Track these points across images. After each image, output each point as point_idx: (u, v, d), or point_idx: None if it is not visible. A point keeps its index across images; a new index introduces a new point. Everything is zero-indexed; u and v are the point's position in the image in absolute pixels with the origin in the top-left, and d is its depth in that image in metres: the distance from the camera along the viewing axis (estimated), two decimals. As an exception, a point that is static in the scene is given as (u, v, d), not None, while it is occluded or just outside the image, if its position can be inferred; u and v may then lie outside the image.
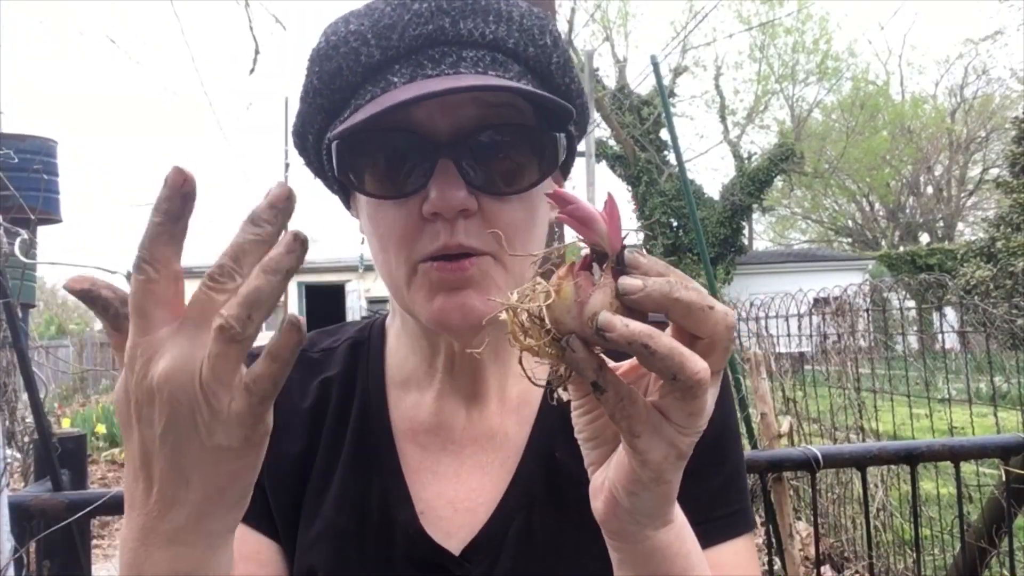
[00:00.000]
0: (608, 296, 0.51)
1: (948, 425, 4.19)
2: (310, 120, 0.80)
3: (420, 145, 0.72)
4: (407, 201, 0.73)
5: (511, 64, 0.76)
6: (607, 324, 0.49)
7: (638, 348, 0.49)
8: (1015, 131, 19.77)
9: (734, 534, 0.83)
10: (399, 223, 0.74)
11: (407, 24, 0.73)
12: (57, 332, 27.76)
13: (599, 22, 25.81)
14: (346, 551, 0.82)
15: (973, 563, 2.24)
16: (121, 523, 3.65)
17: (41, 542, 1.64)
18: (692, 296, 0.51)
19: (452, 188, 0.70)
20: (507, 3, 0.77)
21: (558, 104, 0.72)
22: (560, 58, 0.80)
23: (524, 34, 0.77)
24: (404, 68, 0.73)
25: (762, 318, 5.51)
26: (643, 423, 0.53)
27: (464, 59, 0.73)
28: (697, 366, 0.50)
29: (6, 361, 2.20)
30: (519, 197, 0.75)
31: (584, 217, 0.54)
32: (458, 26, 0.74)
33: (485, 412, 0.87)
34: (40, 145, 5.23)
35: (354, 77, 0.75)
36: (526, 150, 0.75)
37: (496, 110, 0.73)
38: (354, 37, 0.74)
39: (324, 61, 0.76)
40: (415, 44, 0.73)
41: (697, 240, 3.05)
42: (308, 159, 0.86)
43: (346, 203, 0.88)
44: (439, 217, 0.72)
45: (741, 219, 23.45)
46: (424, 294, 0.75)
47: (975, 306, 5.26)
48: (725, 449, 0.86)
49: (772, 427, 3.17)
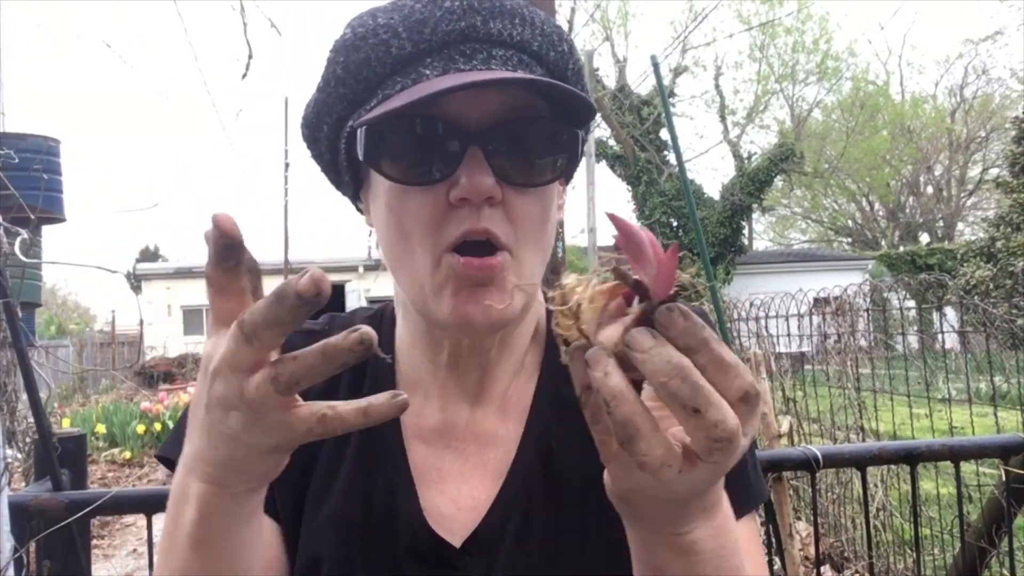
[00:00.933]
0: (618, 335, 0.51)
1: (948, 425, 4.19)
2: (328, 109, 0.81)
3: (450, 133, 0.73)
4: (433, 188, 0.74)
5: (535, 66, 0.79)
6: (593, 361, 0.51)
7: (601, 400, 0.51)
8: (1015, 131, 19.78)
9: (736, 515, 0.83)
10: (425, 209, 0.74)
11: (439, 20, 0.75)
12: (57, 332, 27.77)
13: (599, 22, 25.78)
14: (351, 541, 0.83)
15: (973, 563, 2.24)
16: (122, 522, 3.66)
17: (41, 542, 1.64)
18: (684, 391, 0.49)
19: (481, 175, 0.72)
20: (528, 10, 0.80)
21: (585, 104, 0.74)
22: (575, 65, 0.84)
23: (546, 39, 0.80)
24: (436, 62, 0.75)
25: (762, 318, 5.51)
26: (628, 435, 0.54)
27: (494, 57, 0.75)
28: (646, 449, 0.51)
29: (6, 361, 2.20)
30: (537, 192, 0.77)
31: (638, 251, 0.53)
32: (488, 25, 0.76)
33: (488, 410, 0.88)
34: (41, 144, 5.23)
35: (383, 68, 0.76)
36: (550, 145, 0.77)
37: (522, 104, 0.75)
38: (384, 30, 0.76)
39: (351, 51, 0.77)
40: (448, 39, 0.75)
41: (697, 240, 3.04)
42: (319, 151, 0.86)
43: (355, 196, 0.88)
44: (466, 203, 0.73)
45: (741, 219, 23.45)
46: (447, 289, 0.75)
47: (975, 306, 5.26)
48: None
49: (772, 427, 3.17)
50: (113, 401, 12.37)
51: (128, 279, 32.90)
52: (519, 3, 0.80)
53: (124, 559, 5.93)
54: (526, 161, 0.75)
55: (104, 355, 22.46)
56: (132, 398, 13.16)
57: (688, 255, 22.51)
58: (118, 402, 11.93)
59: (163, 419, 10.05)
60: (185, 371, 18.93)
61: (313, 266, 0.53)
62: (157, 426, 10.00)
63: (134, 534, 6.50)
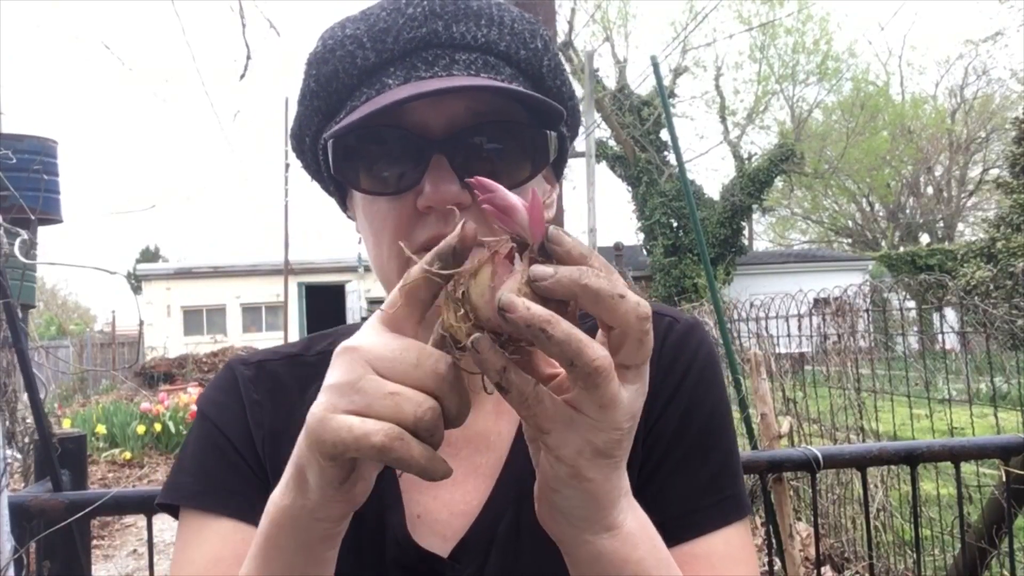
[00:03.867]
0: (519, 282, 0.52)
1: (948, 425, 4.19)
2: (307, 122, 0.83)
3: (414, 142, 0.74)
4: (401, 196, 0.75)
5: (503, 67, 0.79)
6: (508, 304, 0.50)
7: (536, 332, 0.50)
8: (1015, 131, 19.77)
9: (723, 522, 0.82)
10: (392, 216, 0.76)
11: (401, 28, 0.76)
12: (57, 332, 27.77)
13: (599, 22, 25.79)
14: (344, 556, 0.83)
15: (973, 563, 2.24)
16: (122, 523, 3.66)
17: (41, 542, 1.64)
18: (602, 284, 0.51)
19: (445, 182, 0.73)
20: (499, 8, 0.80)
21: (545, 103, 0.74)
22: (551, 61, 0.83)
23: (515, 38, 0.80)
24: (398, 71, 0.75)
25: (762, 318, 5.52)
26: (550, 420, 0.54)
27: (457, 62, 0.76)
28: (596, 353, 0.51)
29: (6, 361, 2.20)
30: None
31: (505, 206, 0.55)
32: (451, 30, 0.76)
33: (480, 412, 0.87)
34: (39, 145, 5.21)
35: (350, 80, 0.77)
36: (517, 146, 0.77)
37: (487, 109, 0.75)
38: (350, 41, 0.77)
39: (321, 64, 0.79)
40: (409, 47, 0.76)
41: (697, 240, 3.04)
42: (305, 161, 0.88)
43: (342, 204, 0.89)
44: (433, 210, 0.74)
45: (741, 219, 23.44)
46: None
47: (975, 306, 5.25)
48: (713, 439, 0.84)
49: (772, 427, 3.17)
50: (113, 401, 12.36)
51: (128, 280, 32.90)
52: (488, 2, 0.80)
53: (124, 559, 5.93)
54: (493, 164, 0.76)
55: (104, 355, 22.47)
56: (132, 398, 13.15)
57: (689, 255, 22.56)
58: (118, 402, 11.92)
59: (163, 420, 10.05)
60: (185, 371, 18.94)
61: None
62: (157, 427, 10.00)
63: (134, 535, 6.51)
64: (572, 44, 23.98)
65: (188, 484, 0.85)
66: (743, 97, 29.43)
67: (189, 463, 0.87)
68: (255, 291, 25.25)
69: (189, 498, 0.84)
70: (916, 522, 2.10)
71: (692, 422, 0.84)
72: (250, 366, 0.91)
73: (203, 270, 26.15)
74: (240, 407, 0.88)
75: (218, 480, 0.84)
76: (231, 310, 25.65)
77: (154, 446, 9.97)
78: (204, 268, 26.26)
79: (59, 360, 10.99)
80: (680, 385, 0.84)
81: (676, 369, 0.85)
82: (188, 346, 22.95)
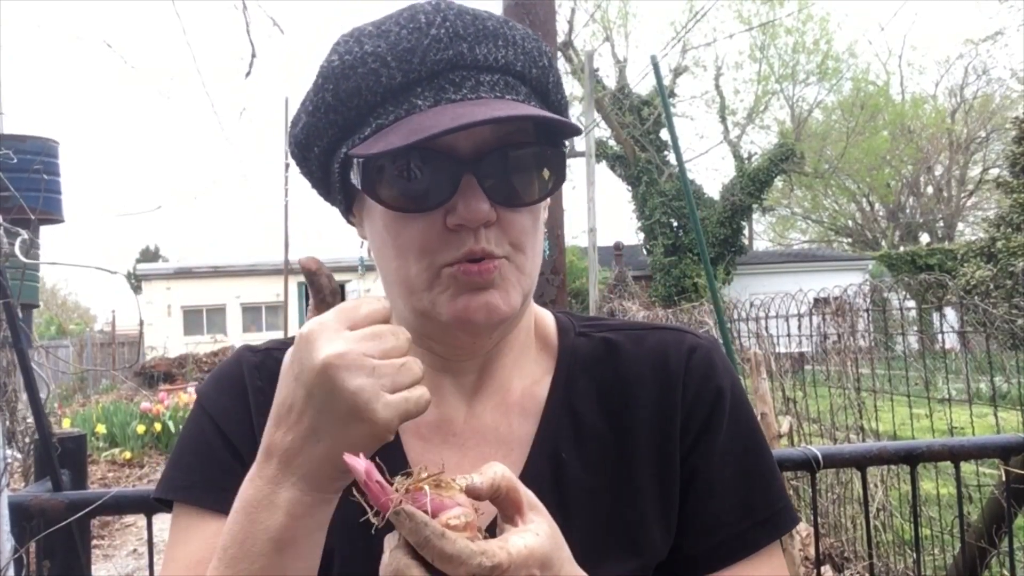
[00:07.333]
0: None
1: (948, 425, 4.18)
2: (319, 134, 0.83)
3: (445, 163, 0.77)
4: (431, 214, 0.78)
5: (520, 86, 0.82)
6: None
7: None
8: (1015, 131, 19.75)
9: (778, 534, 0.90)
10: (423, 234, 0.79)
11: (427, 49, 0.77)
12: (57, 332, 27.78)
13: (599, 22, 25.76)
14: (355, 541, 0.84)
15: (973, 563, 2.24)
16: (122, 523, 3.67)
17: (41, 542, 1.64)
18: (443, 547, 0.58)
19: (477, 201, 0.76)
20: (510, 27, 0.83)
21: (571, 128, 0.80)
22: (554, 77, 0.87)
23: (527, 57, 0.83)
24: (427, 91, 0.77)
25: (762, 318, 5.52)
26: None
27: (482, 83, 0.78)
28: None
29: (6, 361, 2.20)
30: (529, 208, 0.82)
31: (375, 493, 0.61)
32: (475, 51, 0.79)
33: (488, 405, 0.89)
34: (40, 145, 5.22)
35: (373, 97, 0.79)
36: (538, 165, 0.81)
37: (511, 128, 0.79)
38: (372, 58, 0.78)
39: (341, 80, 0.79)
40: (436, 68, 0.78)
41: (697, 240, 3.05)
42: (309, 169, 0.89)
43: (347, 212, 0.91)
44: (463, 228, 0.77)
45: (741, 219, 23.45)
46: (449, 294, 0.79)
47: (975, 306, 5.26)
48: (743, 468, 0.90)
49: (772, 427, 3.17)
50: (113, 401, 12.37)
51: (128, 279, 32.90)
52: (499, 21, 0.82)
53: (124, 559, 5.93)
54: (518, 183, 0.79)
55: (104, 355, 22.47)
56: (132, 398, 13.16)
57: (689, 255, 22.56)
58: (118, 402, 11.94)
59: (163, 419, 10.06)
60: (185, 371, 18.95)
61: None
62: (157, 426, 10.00)
63: (134, 534, 6.51)
64: (572, 44, 23.96)
65: (178, 478, 0.88)
66: (743, 97, 29.42)
67: (179, 457, 0.89)
68: (255, 291, 25.26)
69: (177, 491, 0.87)
70: (916, 522, 2.10)
71: (736, 442, 0.90)
72: (257, 353, 0.94)
73: (203, 270, 26.16)
74: (242, 398, 0.90)
75: (207, 475, 0.86)
76: (231, 310, 25.66)
77: (154, 446, 9.97)
78: (204, 268, 26.28)
79: (59, 360, 10.99)
80: (714, 409, 0.89)
81: (705, 395, 0.90)
82: (188, 346, 22.96)
